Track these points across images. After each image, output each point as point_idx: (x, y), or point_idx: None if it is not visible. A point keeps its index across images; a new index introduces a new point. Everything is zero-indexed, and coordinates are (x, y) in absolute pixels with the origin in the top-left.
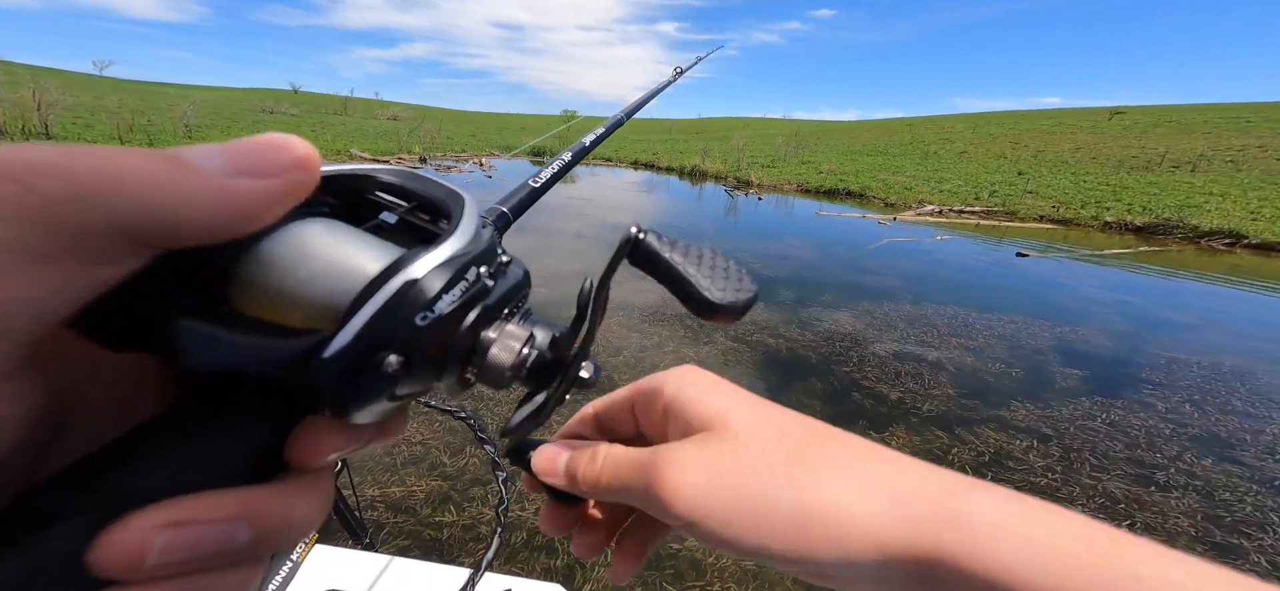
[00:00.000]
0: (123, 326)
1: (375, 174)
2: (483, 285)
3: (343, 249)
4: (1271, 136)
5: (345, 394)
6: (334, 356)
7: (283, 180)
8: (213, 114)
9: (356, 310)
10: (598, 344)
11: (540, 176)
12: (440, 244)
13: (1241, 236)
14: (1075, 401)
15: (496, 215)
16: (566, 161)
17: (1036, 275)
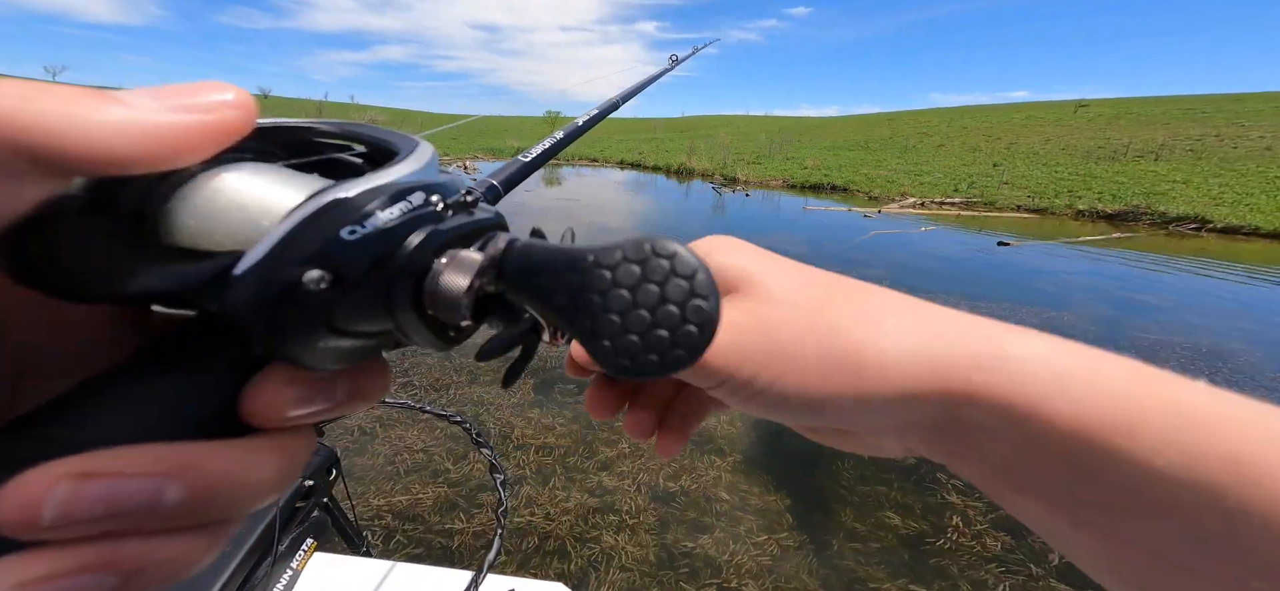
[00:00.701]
0: (31, 258)
1: (316, 125)
2: (432, 211)
3: (271, 180)
4: (1226, 126)
5: (271, 321)
6: (247, 271)
7: (212, 117)
8: None
9: (277, 229)
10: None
11: (531, 152)
12: (381, 170)
13: (1207, 221)
14: None
15: (486, 187)
16: (558, 139)
17: (1018, 263)
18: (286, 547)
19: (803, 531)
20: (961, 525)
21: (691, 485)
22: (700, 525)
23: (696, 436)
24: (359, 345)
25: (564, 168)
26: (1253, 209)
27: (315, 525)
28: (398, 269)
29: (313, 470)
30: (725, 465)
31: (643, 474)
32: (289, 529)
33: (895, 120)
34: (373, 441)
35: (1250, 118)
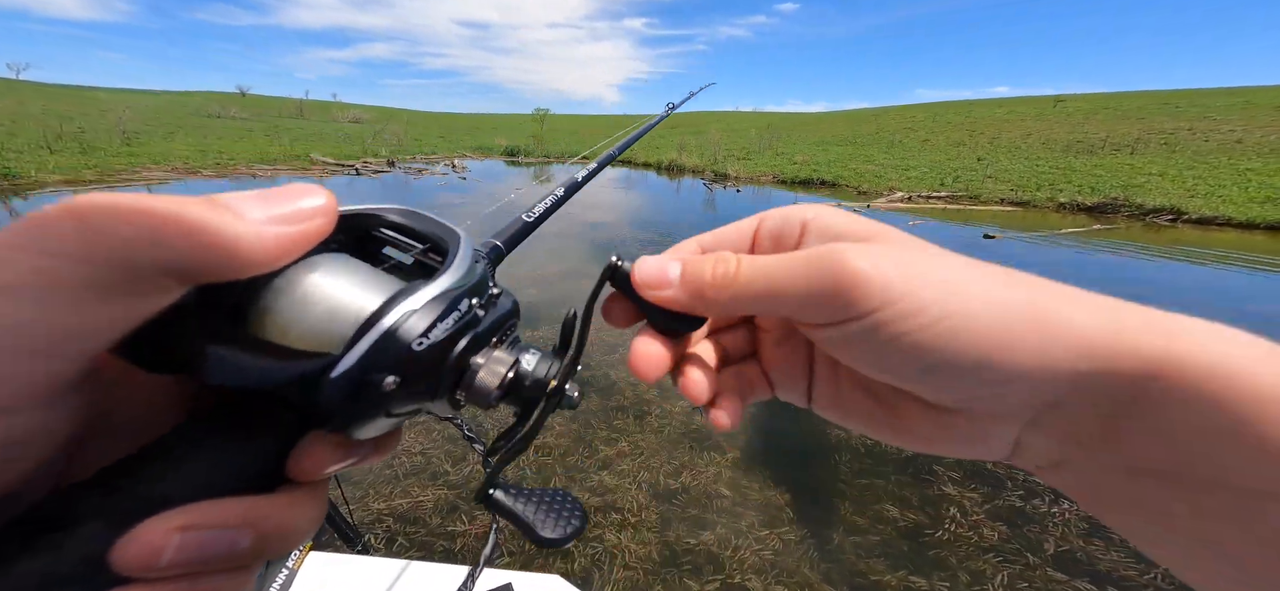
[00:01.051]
0: (154, 348)
1: (381, 212)
2: (474, 315)
3: (350, 283)
4: (1197, 120)
5: (348, 411)
6: (339, 377)
7: (307, 226)
8: (152, 119)
9: (361, 336)
10: (593, 340)
11: (533, 210)
12: (436, 278)
13: (1182, 212)
14: None
15: (490, 248)
16: (559, 197)
17: (1005, 255)
18: None
19: (803, 525)
20: (959, 516)
21: (692, 482)
22: (702, 521)
23: (695, 433)
24: (396, 420)
25: (554, 165)
26: (1224, 199)
27: None
28: (448, 369)
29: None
30: (725, 461)
31: (644, 472)
32: None
33: (881, 116)
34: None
35: (1219, 112)
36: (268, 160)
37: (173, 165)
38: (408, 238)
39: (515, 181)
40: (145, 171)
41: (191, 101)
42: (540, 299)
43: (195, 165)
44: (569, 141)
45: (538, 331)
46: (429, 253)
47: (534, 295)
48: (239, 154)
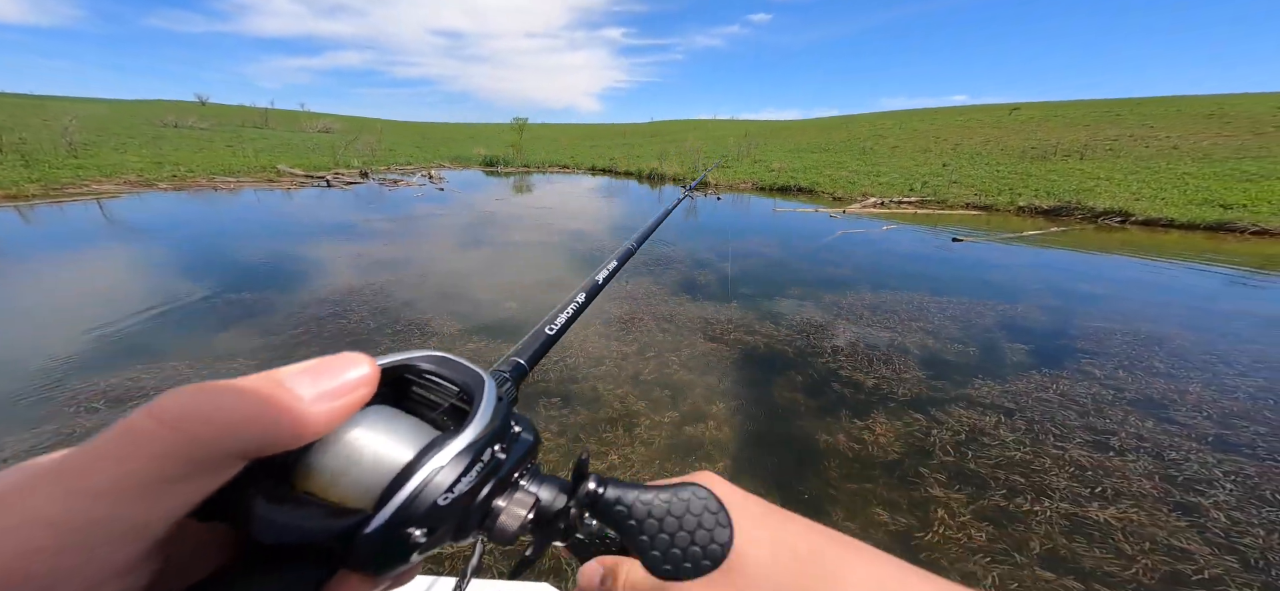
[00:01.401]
0: (210, 504)
1: (414, 362)
2: (496, 461)
3: (385, 437)
4: (1138, 127)
5: (378, 560)
6: (373, 533)
7: (353, 397)
8: (102, 129)
9: (393, 494)
10: (579, 354)
11: (555, 322)
12: (463, 430)
13: (1130, 214)
14: (1027, 375)
15: (513, 366)
16: (580, 303)
17: (972, 258)
18: None
19: None
20: (947, 517)
21: None
22: None
23: (684, 443)
24: (421, 558)
25: (535, 175)
26: (1167, 202)
27: None
28: (472, 513)
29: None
30: (716, 471)
31: None
32: None
33: (852, 123)
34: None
35: (1156, 119)
36: (230, 172)
37: (125, 177)
38: (439, 381)
39: (495, 192)
40: (94, 185)
41: (146, 110)
42: (519, 312)
43: (150, 177)
44: (549, 150)
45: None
46: (458, 397)
47: (513, 308)
48: (198, 165)
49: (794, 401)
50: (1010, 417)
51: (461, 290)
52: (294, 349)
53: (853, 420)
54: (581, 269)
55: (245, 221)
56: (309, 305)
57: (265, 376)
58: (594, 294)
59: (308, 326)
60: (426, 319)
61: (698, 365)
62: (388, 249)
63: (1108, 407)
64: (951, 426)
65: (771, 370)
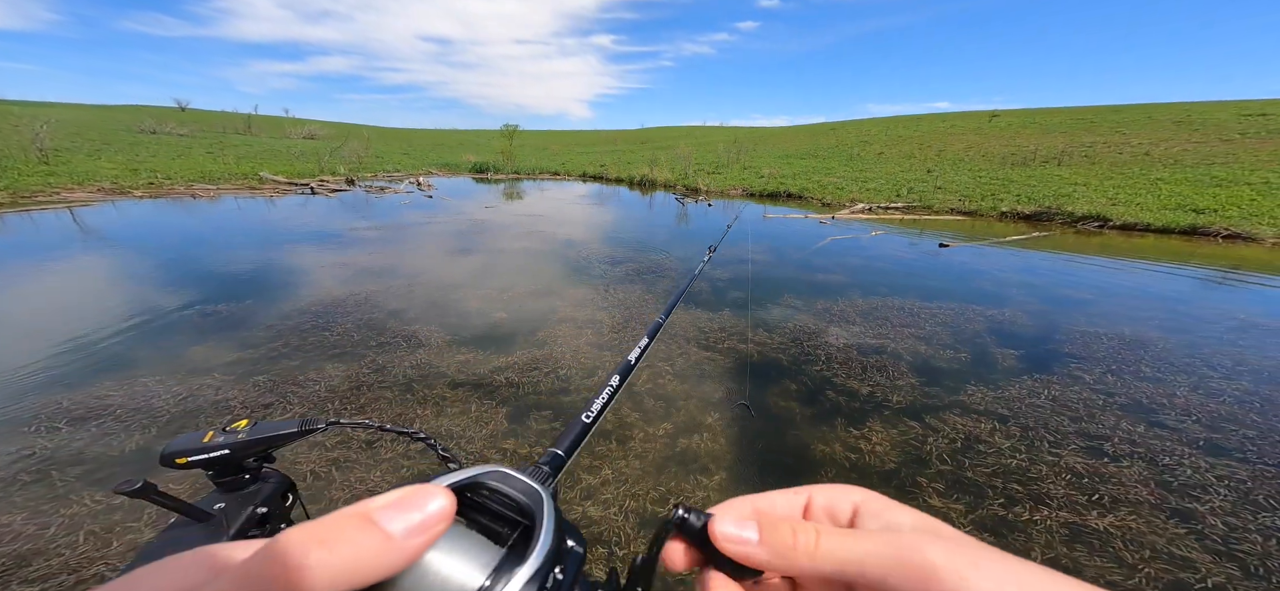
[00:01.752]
0: None
1: (480, 478)
2: (555, 581)
3: (458, 563)
4: (1111, 134)
5: None
6: None
7: (434, 530)
8: (76, 135)
9: None
10: (572, 364)
11: (591, 410)
12: (528, 557)
13: (1107, 219)
14: (1019, 380)
15: (552, 458)
16: (615, 386)
17: (959, 263)
18: None
19: None
20: None
21: None
22: None
23: (679, 455)
24: None
25: (526, 182)
26: (1142, 207)
27: None
28: None
29: (265, 496)
30: (712, 484)
31: (629, 500)
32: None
33: (839, 130)
34: (331, 484)
35: (1129, 126)
36: (210, 179)
37: (98, 185)
38: (502, 499)
39: (485, 199)
40: (66, 192)
41: (123, 116)
42: (508, 322)
43: (125, 185)
44: (539, 157)
45: (511, 357)
46: (518, 512)
47: (502, 318)
48: (176, 172)
49: (789, 410)
50: (1004, 424)
51: (450, 300)
52: (272, 362)
53: (849, 429)
54: (572, 276)
55: (224, 230)
56: (289, 316)
57: (359, 514)
58: (627, 374)
59: (287, 339)
60: (413, 330)
61: (692, 374)
62: (374, 257)
63: (1099, 413)
64: (947, 434)
65: (766, 378)
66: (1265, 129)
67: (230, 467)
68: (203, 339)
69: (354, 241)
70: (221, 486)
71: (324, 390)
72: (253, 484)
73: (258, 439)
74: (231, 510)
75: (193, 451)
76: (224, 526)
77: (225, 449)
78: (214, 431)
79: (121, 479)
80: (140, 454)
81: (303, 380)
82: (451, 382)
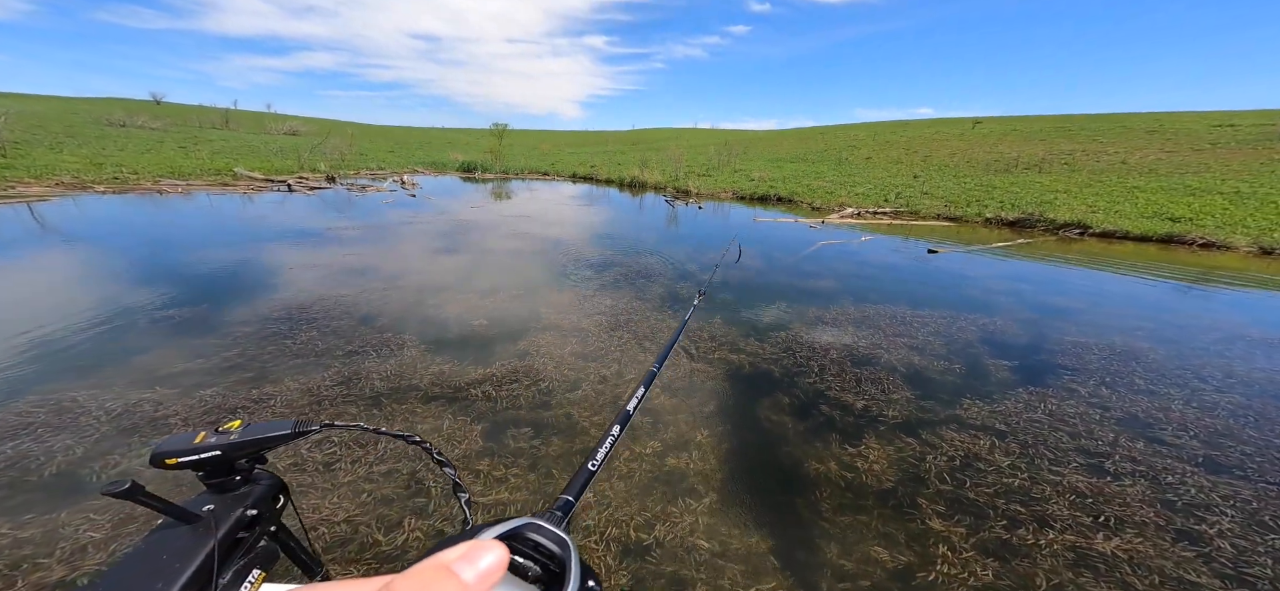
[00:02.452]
0: None
1: (520, 530)
2: None
3: None
4: (1089, 143)
5: None
6: None
7: (495, 579)
8: (39, 127)
9: None
10: (554, 377)
11: (595, 459)
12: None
13: (1088, 227)
14: (1014, 393)
15: (563, 504)
16: (615, 435)
17: (948, 270)
18: (229, 580)
19: (789, 573)
20: (949, 553)
21: (667, 534)
22: (679, 580)
23: (667, 476)
24: None
25: (514, 181)
26: (1120, 215)
27: (263, 555)
28: None
29: (256, 498)
30: (702, 508)
31: (611, 527)
32: (231, 561)
33: (827, 134)
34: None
35: (1105, 135)
36: (180, 175)
37: (57, 179)
38: (535, 545)
39: (470, 198)
40: (22, 186)
41: (93, 108)
42: (487, 329)
43: (86, 179)
44: (528, 157)
45: (490, 367)
46: (549, 560)
47: (481, 326)
48: (144, 167)
49: (782, 425)
50: (1003, 440)
51: (426, 305)
52: (224, 374)
53: (844, 446)
54: (557, 281)
55: (187, 227)
56: (248, 321)
57: (440, 565)
58: (626, 422)
59: (243, 346)
60: (385, 338)
61: (681, 387)
62: (346, 257)
63: (1097, 428)
64: (945, 451)
65: (757, 391)
66: (1235, 139)
67: (221, 468)
68: (150, 347)
69: (329, 240)
70: (212, 487)
71: (281, 404)
72: (243, 486)
73: (250, 441)
74: (221, 511)
75: (183, 452)
76: (213, 528)
77: (217, 450)
78: (206, 432)
79: (108, 481)
80: (60, 481)
81: (257, 394)
82: (425, 396)
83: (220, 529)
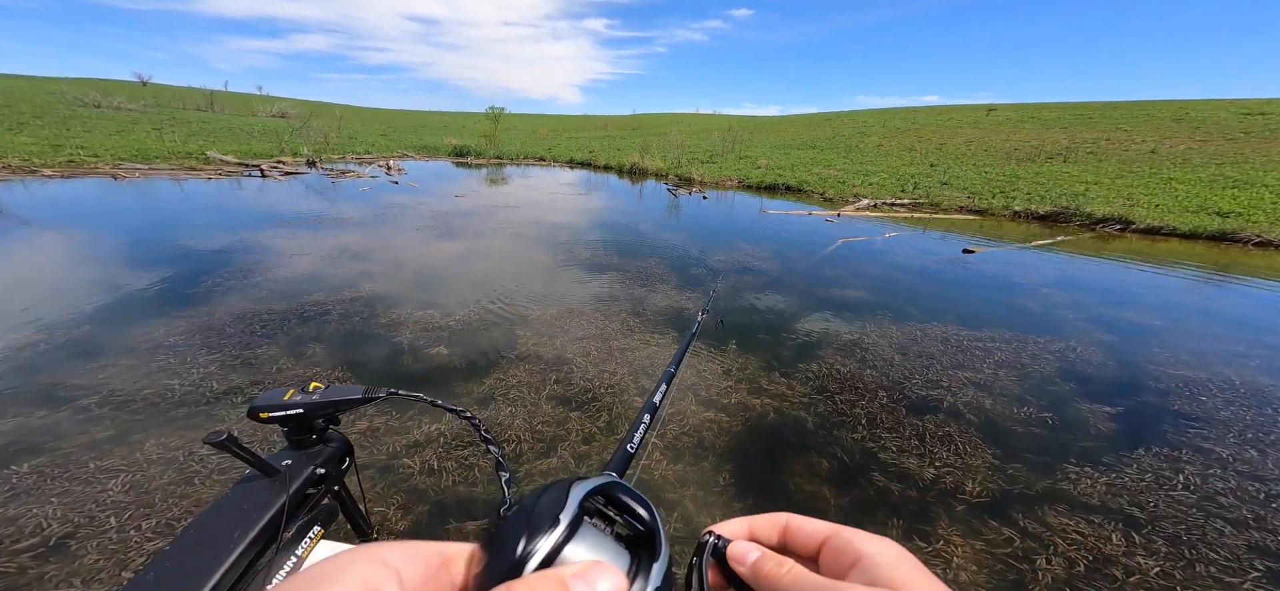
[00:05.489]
0: None
1: (606, 487)
2: (670, 573)
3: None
4: (1113, 131)
5: None
6: None
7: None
8: (4, 107)
9: None
10: (526, 438)
11: (634, 440)
12: (653, 570)
13: (1129, 222)
14: (1134, 457)
15: (611, 481)
16: (647, 422)
17: (990, 274)
18: (293, 534)
19: None
20: None
21: None
22: None
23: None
24: None
25: (510, 167)
26: (1163, 209)
27: (324, 512)
28: None
29: (325, 457)
30: None
31: None
32: (297, 516)
33: (835, 120)
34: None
35: (1129, 123)
36: (145, 158)
37: (4, 161)
38: (623, 507)
39: (459, 186)
40: None
41: (68, 89)
42: (449, 360)
43: (36, 162)
44: (525, 142)
45: (468, 389)
46: (637, 523)
47: (440, 353)
48: (107, 150)
49: (819, 499)
50: (1138, 531)
51: (375, 325)
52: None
53: (909, 534)
54: (542, 296)
55: (132, 217)
56: (158, 342)
57: (557, 578)
58: (655, 411)
59: (113, 388)
60: (312, 373)
61: (690, 446)
62: (288, 264)
63: (1267, 513)
64: (1060, 548)
65: (787, 449)
66: (1267, 128)
67: (302, 426)
68: (41, 369)
69: (279, 239)
70: (292, 443)
71: (139, 476)
72: (317, 444)
73: (328, 401)
74: (296, 467)
75: (274, 407)
76: (286, 483)
77: (300, 408)
78: (294, 390)
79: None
80: None
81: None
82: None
83: (292, 484)
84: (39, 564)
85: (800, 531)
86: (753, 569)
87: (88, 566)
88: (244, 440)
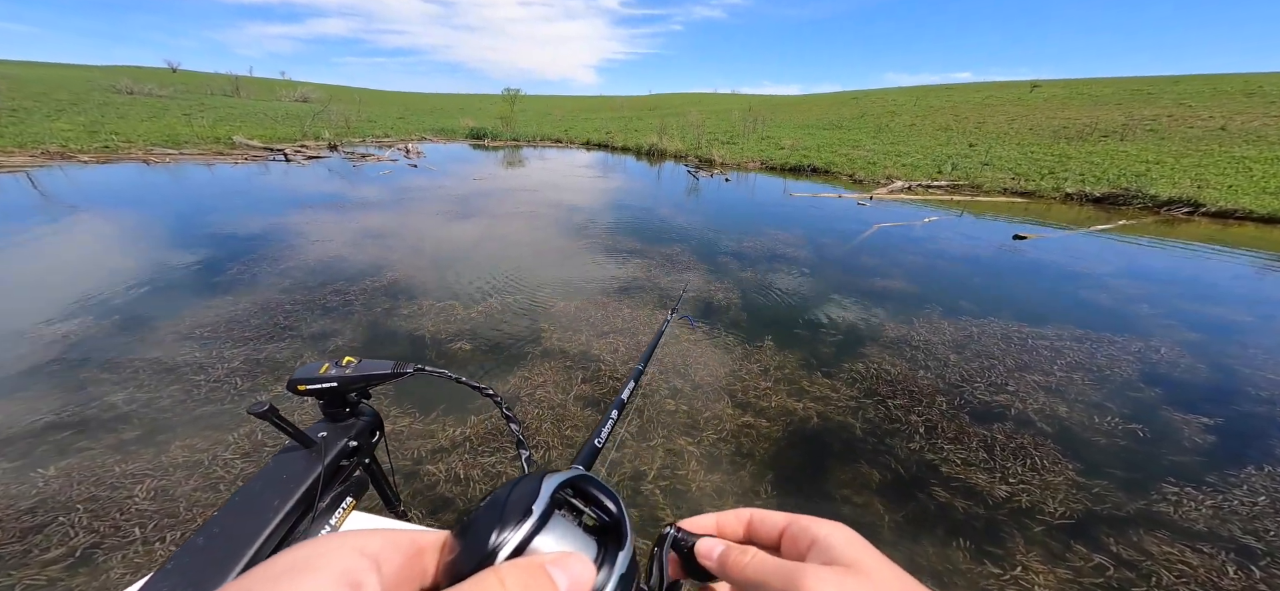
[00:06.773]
0: None
1: (576, 480)
2: (634, 561)
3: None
4: (1175, 106)
5: None
6: None
7: (583, 589)
8: (42, 95)
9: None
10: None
11: (601, 436)
12: (617, 558)
13: (1199, 205)
14: (1240, 476)
15: (576, 472)
16: (614, 418)
17: (1048, 262)
18: (328, 505)
19: None
20: None
21: None
22: None
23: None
24: None
25: (526, 148)
26: (1236, 191)
27: (356, 484)
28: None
29: (357, 431)
30: None
31: None
32: (331, 486)
33: (862, 99)
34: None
35: (1193, 98)
36: (175, 143)
37: (43, 148)
38: (590, 499)
39: (476, 168)
40: (4, 156)
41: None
42: (471, 353)
43: (72, 148)
44: (541, 123)
45: (493, 387)
46: (604, 515)
47: (463, 348)
48: (139, 135)
49: (872, 516)
50: (1258, 563)
51: (388, 319)
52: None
53: (980, 559)
54: (562, 287)
55: (156, 201)
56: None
57: (538, 565)
58: (622, 408)
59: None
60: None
61: (725, 454)
62: (302, 252)
63: None
64: (1164, 578)
65: (833, 459)
66: None
67: (336, 399)
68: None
69: (304, 222)
70: (327, 416)
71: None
72: (350, 418)
73: (360, 375)
74: (330, 439)
75: (311, 381)
76: (322, 454)
77: (335, 381)
78: (329, 364)
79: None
80: None
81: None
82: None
83: (327, 455)
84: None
85: (763, 523)
86: (719, 561)
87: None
88: (282, 412)
